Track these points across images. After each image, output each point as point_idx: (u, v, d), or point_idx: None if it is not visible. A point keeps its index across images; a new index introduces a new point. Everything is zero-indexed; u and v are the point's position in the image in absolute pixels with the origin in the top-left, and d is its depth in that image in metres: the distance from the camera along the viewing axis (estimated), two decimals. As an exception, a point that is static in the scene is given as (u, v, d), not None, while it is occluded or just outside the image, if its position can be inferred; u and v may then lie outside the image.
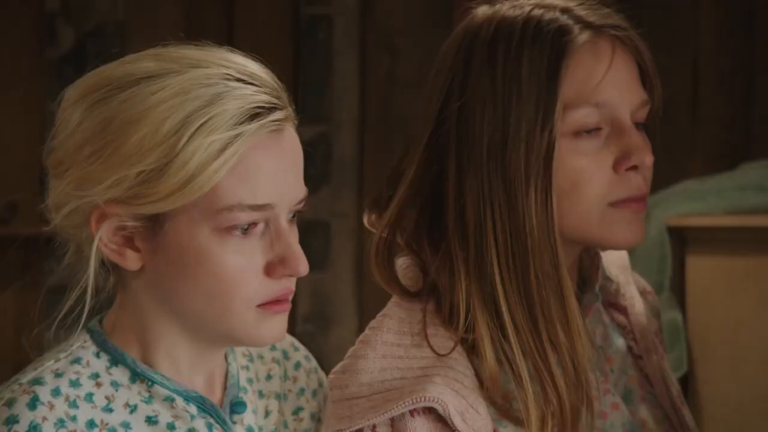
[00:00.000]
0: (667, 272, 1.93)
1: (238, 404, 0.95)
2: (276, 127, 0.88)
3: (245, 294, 0.88)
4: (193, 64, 0.88)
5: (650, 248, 1.93)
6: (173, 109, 0.85)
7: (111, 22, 2.83)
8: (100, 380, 0.90)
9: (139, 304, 0.91)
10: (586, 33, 0.98)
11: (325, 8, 2.74)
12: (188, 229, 0.87)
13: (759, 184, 1.88)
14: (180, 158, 0.85)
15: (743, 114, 2.27)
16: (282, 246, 0.88)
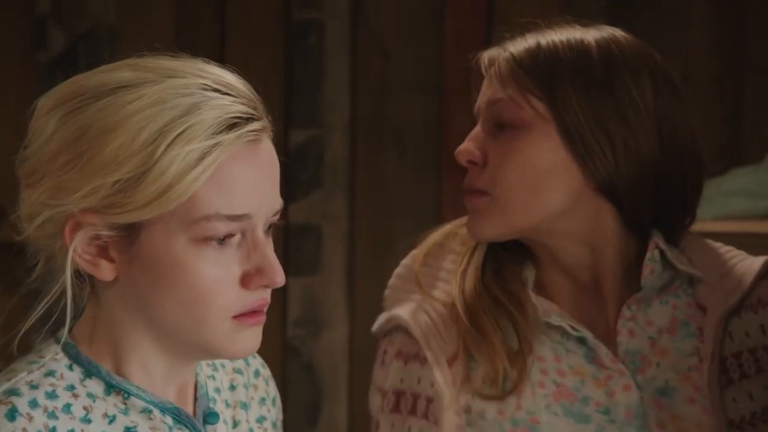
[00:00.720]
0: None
1: (210, 415, 0.95)
2: (253, 138, 0.88)
3: (221, 305, 0.88)
4: (170, 74, 0.88)
5: (640, 253, 1.94)
6: (150, 118, 0.85)
7: (102, 26, 2.82)
8: (76, 392, 0.89)
9: (112, 315, 0.91)
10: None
11: (316, 12, 2.75)
12: (164, 239, 0.87)
13: (748, 190, 1.89)
14: (158, 167, 0.84)
15: (733, 120, 2.28)
16: (259, 256, 0.88)
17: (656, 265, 1.12)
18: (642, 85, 1.14)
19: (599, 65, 1.13)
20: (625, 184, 1.11)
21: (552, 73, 1.12)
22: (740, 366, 1.07)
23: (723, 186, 1.92)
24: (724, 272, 1.12)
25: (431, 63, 2.50)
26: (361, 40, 2.69)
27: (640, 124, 1.12)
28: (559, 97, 1.11)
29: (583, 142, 1.10)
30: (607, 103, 1.11)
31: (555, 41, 1.15)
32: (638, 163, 1.11)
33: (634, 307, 1.10)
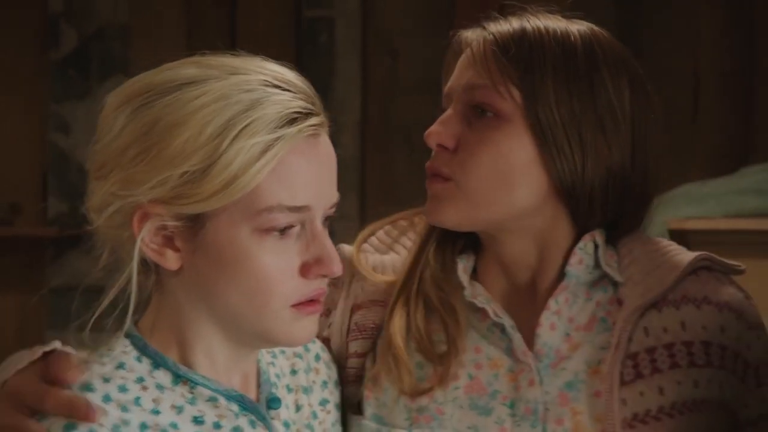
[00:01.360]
0: (667, 275, 1.93)
1: (273, 400, 0.97)
2: (312, 132, 0.90)
3: (281, 293, 0.90)
4: (233, 71, 0.90)
5: (650, 251, 1.94)
6: (215, 113, 0.88)
7: (113, 25, 2.83)
8: (145, 384, 0.92)
9: (176, 304, 0.93)
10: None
11: (326, 11, 2.75)
12: (228, 229, 0.89)
13: (758, 188, 1.88)
14: (223, 160, 0.87)
15: (743, 118, 2.27)
16: (317, 247, 0.91)
17: (587, 257, 1.06)
18: (621, 89, 1.07)
19: (582, 61, 1.07)
20: (588, 190, 1.05)
21: (534, 64, 1.06)
22: (653, 361, 1.02)
23: (733, 184, 1.92)
24: (653, 268, 1.06)
25: (440, 62, 2.50)
26: (371, 39, 2.70)
27: (615, 129, 1.06)
28: (538, 91, 1.05)
29: (555, 141, 1.04)
30: (585, 104, 1.06)
31: (540, 29, 1.08)
32: (606, 170, 1.05)
33: (561, 300, 1.05)
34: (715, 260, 1.08)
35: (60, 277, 2.89)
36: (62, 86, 2.87)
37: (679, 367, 1.02)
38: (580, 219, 1.06)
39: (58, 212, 2.86)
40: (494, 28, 1.08)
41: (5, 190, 2.90)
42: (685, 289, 1.05)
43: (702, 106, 2.33)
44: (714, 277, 1.07)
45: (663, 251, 1.07)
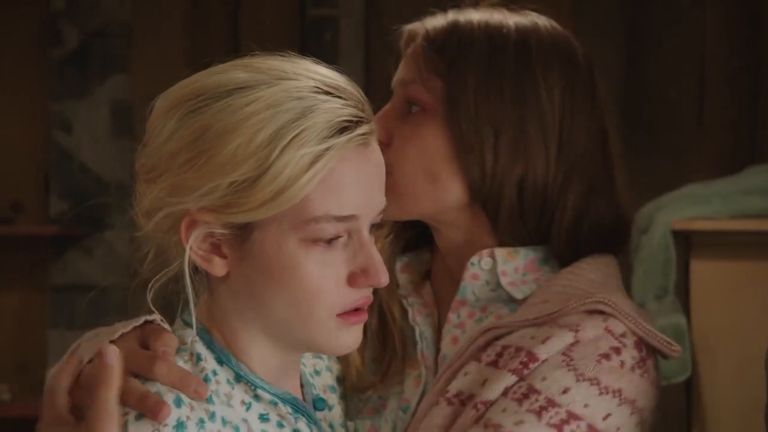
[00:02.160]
0: (672, 276, 1.92)
1: (318, 401, 0.98)
2: (362, 141, 0.90)
3: (328, 302, 0.90)
4: (282, 76, 0.90)
5: (655, 252, 1.93)
6: (266, 121, 0.87)
7: (115, 23, 2.83)
8: (218, 378, 0.92)
9: (225, 308, 0.93)
10: None
11: (331, 9, 2.74)
12: (276, 239, 0.89)
13: (764, 188, 1.87)
14: (273, 170, 0.87)
15: (749, 117, 2.26)
16: (364, 257, 0.91)
17: (483, 273, 1.02)
18: (552, 93, 1.01)
19: (512, 59, 1.02)
20: (498, 195, 1.00)
21: (460, 58, 1.02)
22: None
23: (740, 184, 1.91)
24: (550, 296, 0.99)
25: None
26: (376, 38, 2.69)
27: (538, 132, 1.00)
28: (459, 85, 1.01)
29: (466, 138, 1.00)
30: (507, 104, 1.00)
31: (472, 22, 1.04)
32: (521, 178, 1.00)
33: (463, 314, 1.03)
34: (619, 309, 0.97)
35: (61, 276, 2.88)
36: (64, 84, 2.87)
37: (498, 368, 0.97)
38: (501, 229, 1.02)
39: (60, 211, 2.85)
40: (429, 22, 1.06)
41: (7, 188, 2.89)
42: (564, 321, 0.97)
43: (708, 107, 2.31)
44: (599, 318, 0.97)
45: (577, 286, 0.99)
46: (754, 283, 1.82)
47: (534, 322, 0.98)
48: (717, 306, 1.86)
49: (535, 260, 1.03)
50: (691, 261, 1.87)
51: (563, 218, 1.01)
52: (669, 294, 1.91)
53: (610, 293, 0.99)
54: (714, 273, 1.85)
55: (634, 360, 0.96)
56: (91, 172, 2.83)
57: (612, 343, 0.96)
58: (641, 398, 0.96)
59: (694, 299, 1.87)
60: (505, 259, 1.02)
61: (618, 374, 0.95)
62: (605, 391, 0.94)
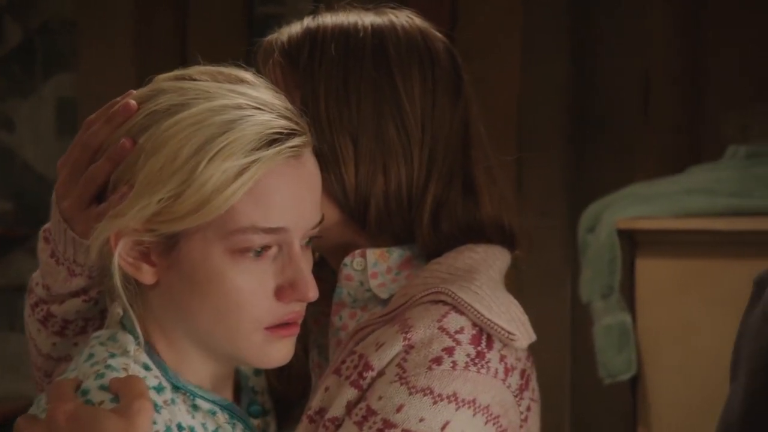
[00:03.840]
0: (617, 275, 1.94)
1: (254, 407, 0.98)
2: (293, 153, 0.90)
3: (254, 315, 0.90)
4: (208, 96, 0.91)
5: (600, 251, 1.95)
6: (189, 137, 0.88)
7: (59, 19, 2.79)
8: (163, 383, 0.91)
9: (158, 320, 0.93)
10: None
11: (278, 7, 2.73)
12: (202, 248, 0.89)
13: (706, 188, 1.90)
14: (198, 181, 0.87)
15: (693, 117, 2.30)
16: (293, 270, 0.90)
17: (356, 273, 1.00)
18: (413, 96, 0.98)
19: (369, 63, 0.98)
20: (367, 206, 0.98)
21: (314, 66, 0.97)
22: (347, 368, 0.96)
23: (682, 184, 1.94)
24: (402, 292, 0.98)
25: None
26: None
27: (400, 136, 0.97)
28: (313, 94, 0.97)
29: (321, 156, 0.95)
30: (365, 111, 0.97)
31: (327, 28, 0.99)
32: (385, 184, 0.97)
33: (345, 315, 1.01)
34: (459, 300, 0.95)
35: (4, 277, 2.84)
36: (6, 82, 2.82)
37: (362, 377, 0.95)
38: (371, 232, 1.00)
39: (3, 211, 2.80)
40: (285, 32, 1.02)
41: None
42: (409, 312, 0.96)
43: (652, 107, 2.34)
44: (437, 312, 0.95)
45: (438, 276, 0.97)
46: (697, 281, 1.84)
47: (388, 317, 0.96)
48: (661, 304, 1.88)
49: (410, 258, 1.01)
50: (636, 260, 1.89)
51: (423, 215, 0.99)
52: (615, 292, 1.93)
53: (467, 281, 0.96)
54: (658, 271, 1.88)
55: (468, 357, 0.93)
56: (34, 171, 2.79)
57: (444, 344, 0.93)
58: (482, 395, 0.93)
59: (640, 297, 1.89)
60: (377, 261, 1.00)
61: (450, 378, 0.92)
62: (439, 398, 0.92)
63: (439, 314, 0.95)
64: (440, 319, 0.95)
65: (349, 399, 0.94)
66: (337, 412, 0.94)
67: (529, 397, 0.99)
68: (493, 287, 0.98)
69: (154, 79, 0.94)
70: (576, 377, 2.27)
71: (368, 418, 0.92)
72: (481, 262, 0.99)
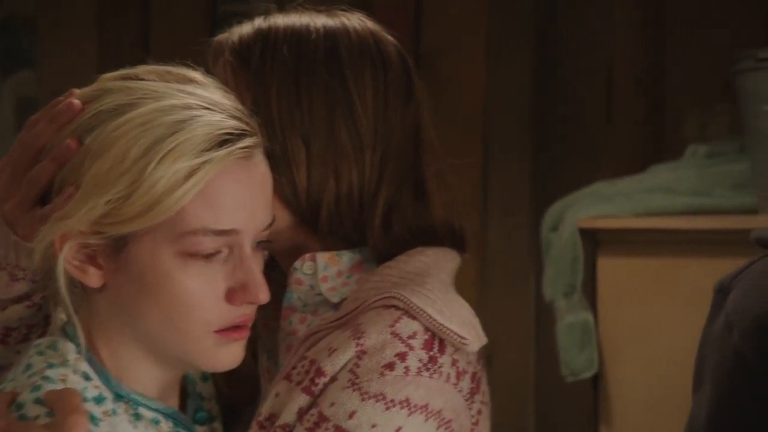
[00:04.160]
0: (579, 274, 1.95)
1: (200, 414, 0.97)
2: (244, 154, 0.89)
3: (204, 319, 0.89)
4: (154, 96, 0.89)
5: (563, 250, 1.96)
6: (138, 138, 0.87)
7: (20, 16, 2.75)
8: (103, 393, 0.90)
9: (103, 325, 0.92)
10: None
11: (242, 5, 2.72)
12: (151, 251, 0.88)
13: (666, 187, 1.91)
14: (147, 183, 0.86)
15: (655, 117, 2.32)
16: (244, 272, 0.89)
17: (306, 278, 0.99)
18: (364, 94, 0.98)
19: (321, 66, 0.97)
20: (319, 209, 0.97)
21: (265, 68, 0.96)
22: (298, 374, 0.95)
23: (643, 183, 1.95)
24: (353, 297, 0.97)
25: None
26: (288, 34, 2.67)
27: (353, 140, 0.97)
28: (262, 98, 0.96)
29: (273, 151, 0.94)
30: (317, 114, 0.96)
31: (278, 29, 0.99)
32: (336, 187, 0.97)
33: (295, 320, 1.00)
34: (411, 305, 0.95)
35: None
36: (-34, 79, 2.79)
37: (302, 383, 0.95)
38: (322, 236, 0.99)
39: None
40: (236, 32, 1.01)
41: None
42: (361, 318, 0.95)
43: (616, 106, 2.36)
44: (390, 317, 0.95)
45: (389, 280, 0.97)
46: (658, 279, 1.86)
47: (339, 322, 0.96)
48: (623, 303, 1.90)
49: (360, 261, 1.00)
50: (597, 259, 1.91)
51: (375, 218, 0.99)
52: (577, 291, 1.94)
53: (418, 285, 0.96)
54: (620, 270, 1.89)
55: (421, 363, 0.93)
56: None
57: (397, 349, 0.93)
58: (434, 400, 0.93)
59: (601, 296, 1.91)
60: (327, 264, 0.99)
61: (403, 383, 0.92)
62: (392, 404, 0.91)
63: (391, 319, 0.95)
64: (393, 324, 0.94)
65: (300, 405, 0.93)
66: (289, 419, 0.93)
67: (480, 400, 0.99)
68: (444, 290, 0.98)
69: (100, 79, 0.93)
70: (540, 375, 2.28)
71: (320, 424, 0.91)
72: (431, 266, 0.99)
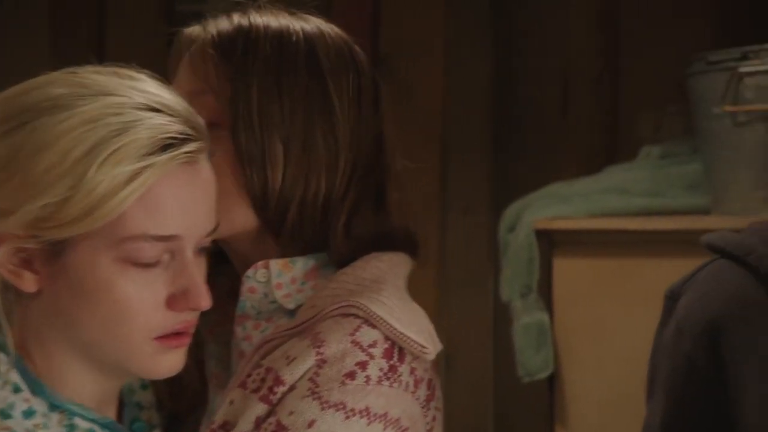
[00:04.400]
0: (535, 274, 1.96)
1: (137, 425, 0.96)
2: (188, 159, 0.88)
3: (144, 326, 0.88)
4: (104, 91, 0.87)
5: (519, 251, 1.97)
6: (81, 138, 0.84)
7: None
8: (34, 406, 0.88)
9: (39, 333, 0.90)
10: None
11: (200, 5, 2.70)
12: (90, 257, 0.86)
13: (621, 188, 1.93)
14: (86, 186, 0.84)
15: (609, 118, 2.33)
16: (185, 279, 0.88)
17: (260, 285, 0.98)
18: (342, 99, 0.98)
19: (302, 67, 0.98)
20: (285, 214, 0.97)
21: (247, 64, 0.96)
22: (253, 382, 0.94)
23: (599, 183, 1.96)
24: (310, 303, 0.97)
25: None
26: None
27: (329, 145, 0.97)
28: (242, 93, 0.95)
29: (247, 152, 0.94)
30: (298, 115, 0.96)
31: (259, 26, 0.98)
32: (304, 190, 0.96)
33: (249, 326, 0.99)
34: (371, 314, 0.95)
35: None
36: None
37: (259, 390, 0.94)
38: (283, 242, 0.98)
39: None
40: (213, 26, 1.00)
41: None
42: (320, 326, 0.95)
43: (571, 107, 2.37)
44: (349, 326, 0.95)
45: (345, 287, 0.97)
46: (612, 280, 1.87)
47: (297, 330, 0.95)
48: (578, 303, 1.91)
49: (315, 267, 1.00)
50: (553, 259, 1.92)
51: (338, 224, 0.99)
52: (533, 292, 1.95)
53: (374, 292, 0.96)
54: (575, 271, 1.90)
55: (381, 371, 0.93)
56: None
57: (358, 358, 0.93)
58: (393, 409, 0.93)
59: (557, 297, 1.92)
60: (281, 271, 0.99)
61: (363, 392, 0.92)
62: (352, 413, 0.91)
63: (351, 328, 0.95)
64: (353, 333, 0.94)
65: (258, 414, 0.92)
66: (245, 427, 0.92)
67: (435, 406, 0.99)
68: (400, 297, 0.98)
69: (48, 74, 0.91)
70: (499, 375, 2.29)
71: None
72: (387, 272, 0.99)
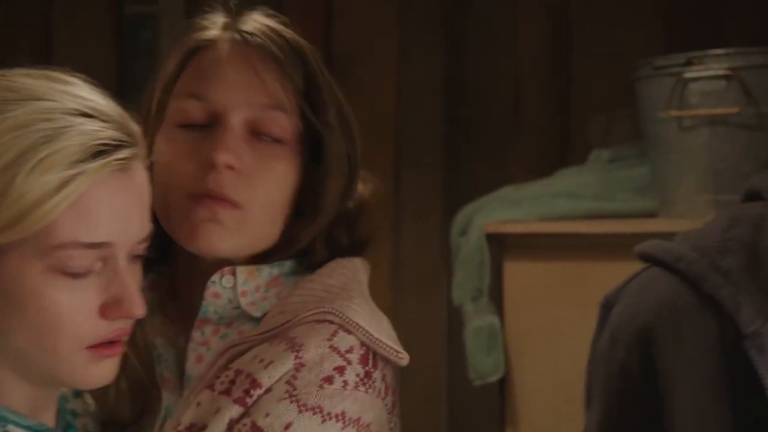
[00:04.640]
0: (486, 278, 1.97)
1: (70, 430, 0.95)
2: (120, 166, 0.86)
3: (75, 335, 0.86)
4: (35, 96, 0.85)
5: (470, 254, 1.97)
6: (10, 144, 0.83)
7: None
8: None
9: None
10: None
11: (150, 7, 2.67)
12: (19, 265, 0.85)
13: (570, 191, 1.94)
14: (14, 194, 0.82)
15: (560, 121, 2.34)
16: (118, 287, 0.87)
17: (224, 291, 0.99)
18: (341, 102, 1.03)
19: (321, 67, 1.01)
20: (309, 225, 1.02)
21: (310, 75, 0.99)
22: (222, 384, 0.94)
23: (549, 187, 1.97)
24: (279, 310, 0.98)
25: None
26: (196, 37, 2.63)
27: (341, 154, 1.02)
28: (318, 100, 0.98)
29: (338, 155, 0.99)
30: (349, 128, 1.01)
31: (284, 35, 1.00)
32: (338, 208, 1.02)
33: (208, 331, 0.99)
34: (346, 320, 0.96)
35: None
36: None
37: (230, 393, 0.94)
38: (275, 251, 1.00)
39: None
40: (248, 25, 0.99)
41: None
42: (294, 331, 0.96)
43: (523, 110, 2.38)
44: (326, 331, 0.96)
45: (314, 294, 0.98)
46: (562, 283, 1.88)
47: (267, 335, 0.95)
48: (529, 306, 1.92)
49: (278, 275, 1.00)
50: (504, 263, 1.92)
51: (326, 230, 1.01)
52: (484, 295, 1.96)
53: (346, 299, 0.97)
54: (526, 274, 1.91)
55: (358, 377, 0.95)
56: None
57: (336, 363, 0.94)
58: (366, 414, 0.95)
59: (508, 300, 1.92)
60: (246, 279, 0.99)
61: (340, 397, 0.93)
62: (328, 417, 0.92)
63: (328, 333, 0.95)
64: (330, 338, 0.95)
65: (232, 416, 0.92)
66: (217, 429, 0.92)
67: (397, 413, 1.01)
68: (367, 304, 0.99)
69: None
70: (452, 378, 2.29)
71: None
72: (352, 278, 1.00)
